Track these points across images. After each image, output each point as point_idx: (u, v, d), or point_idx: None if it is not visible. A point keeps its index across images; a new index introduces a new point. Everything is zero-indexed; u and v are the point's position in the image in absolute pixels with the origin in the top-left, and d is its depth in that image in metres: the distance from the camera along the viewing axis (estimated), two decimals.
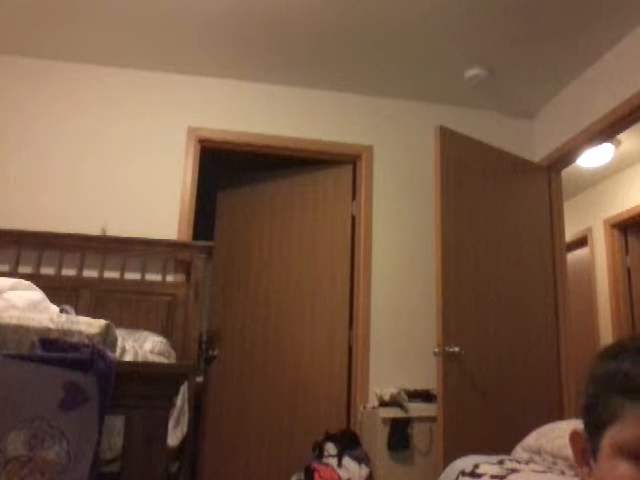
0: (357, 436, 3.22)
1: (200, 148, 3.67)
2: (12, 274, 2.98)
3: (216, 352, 3.76)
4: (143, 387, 1.37)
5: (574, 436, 0.72)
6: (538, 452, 1.91)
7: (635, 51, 3.09)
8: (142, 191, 3.51)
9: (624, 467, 0.61)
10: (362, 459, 3.03)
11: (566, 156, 3.69)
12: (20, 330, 1.20)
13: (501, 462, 1.85)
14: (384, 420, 3.07)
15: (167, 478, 2.59)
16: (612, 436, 0.63)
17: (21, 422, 0.95)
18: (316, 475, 2.90)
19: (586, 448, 0.69)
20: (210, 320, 3.90)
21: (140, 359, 2.34)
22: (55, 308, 1.67)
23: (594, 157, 4.41)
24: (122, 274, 3.28)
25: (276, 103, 3.79)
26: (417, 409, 3.13)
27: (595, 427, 0.66)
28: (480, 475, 1.75)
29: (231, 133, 3.69)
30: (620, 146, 4.41)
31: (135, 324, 3.10)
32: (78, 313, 1.71)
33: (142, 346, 2.62)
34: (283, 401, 3.59)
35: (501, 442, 2.40)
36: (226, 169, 4.22)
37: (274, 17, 3.12)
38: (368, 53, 3.43)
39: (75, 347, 1.13)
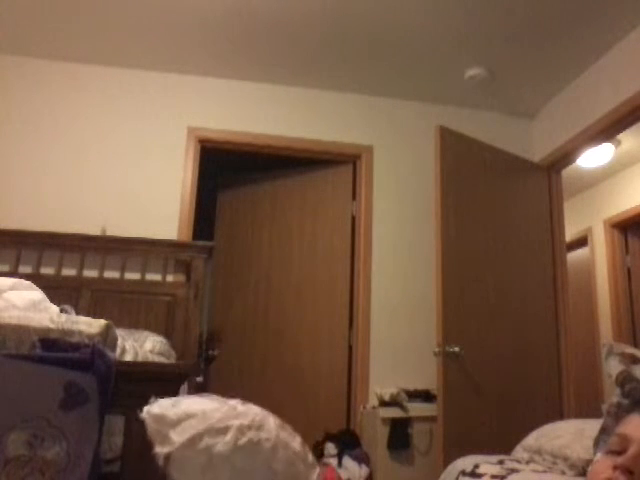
0: (357, 436, 3.22)
1: (200, 148, 3.67)
2: (12, 274, 2.97)
3: (216, 352, 3.76)
4: (143, 387, 1.36)
5: None
6: (538, 452, 1.91)
7: (635, 51, 3.09)
8: (142, 191, 3.51)
9: None
10: (362, 459, 3.03)
11: (566, 156, 3.69)
12: (20, 330, 1.20)
13: (501, 462, 1.85)
14: (384, 420, 3.07)
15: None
16: None
17: (21, 422, 0.95)
18: None
19: None
20: (210, 320, 3.90)
21: (140, 359, 2.35)
22: (55, 308, 1.67)
23: (594, 157, 4.41)
24: (122, 274, 3.28)
25: (276, 103, 3.79)
26: (417, 409, 3.13)
27: None
28: (480, 475, 1.75)
29: (231, 133, 3.69)
30: (620, 146, 4.41)
31: (135, 324, 3.09)
32: (78, 313, 1.71)
33: (142, 346, 2.63)
34: (283, 401, 3.59)
35: (501, 442, 2.39)
36: (226, 169, 4.21)
37: (274, 17, 3.12)
38: (368, 53, 3.42)
39: (75, 347, 1.13)
